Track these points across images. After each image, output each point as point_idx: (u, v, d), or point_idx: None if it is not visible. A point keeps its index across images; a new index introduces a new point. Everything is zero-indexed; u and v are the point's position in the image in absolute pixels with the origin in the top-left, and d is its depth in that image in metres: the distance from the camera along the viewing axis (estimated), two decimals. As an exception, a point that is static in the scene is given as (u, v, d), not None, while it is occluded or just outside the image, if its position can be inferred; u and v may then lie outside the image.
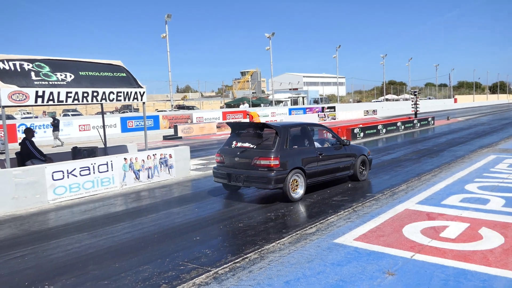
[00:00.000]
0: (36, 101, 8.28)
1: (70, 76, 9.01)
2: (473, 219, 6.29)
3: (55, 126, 21.22)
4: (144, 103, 10.52)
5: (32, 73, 8.48)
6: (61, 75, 8.89)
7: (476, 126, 26.79)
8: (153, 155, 10.37)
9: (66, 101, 8.76)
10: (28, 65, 8.58)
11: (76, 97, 8.86)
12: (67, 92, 8.71)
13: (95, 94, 9.17)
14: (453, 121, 32.13)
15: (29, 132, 9.99)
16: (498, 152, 13.44)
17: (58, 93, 8.55)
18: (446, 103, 69.17)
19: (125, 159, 9.76)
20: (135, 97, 9.98)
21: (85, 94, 9.01)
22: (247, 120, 21.66)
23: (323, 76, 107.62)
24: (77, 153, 10.40)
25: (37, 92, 8.26)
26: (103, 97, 9.34)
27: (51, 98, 8.44)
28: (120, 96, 9.70)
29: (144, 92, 10.22)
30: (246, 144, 8.29)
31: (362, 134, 20.81)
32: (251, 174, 7.92)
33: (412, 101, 30.80)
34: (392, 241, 5.49)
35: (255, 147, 8.15)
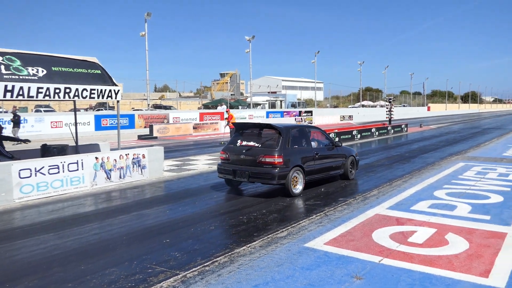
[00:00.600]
0: (4, 96, 8.00)
1: (42, 71, 8.76)
2: (440, 225, 6.43)
3: (15, 122, 20.58)
4: (118, 101, 10.34)
5: (2, 67, 8.20)
6: (32, 69, 8.63)
7: (448, 134, 27.51)
8: (126, 154, 10.19)
9: (37, 97, 8.50)
10: (-3, 58, 8.29)
11: (47, 93, 8.61)
12: (38, 88, 8.45)
13: (67, 90, 8.95)
14: (426, 129, 32.89)
15: (-3, 128, 9.66)
16: (467, 160, 13.83)
17: (29, 88, 8.29)
18: (420, 111, 70.84)
19: (96, 158, 9.56)
20: (109, 95, 9.79)
21: (57, 91, 8.77)
22: (225, 118, 21.71)
23: (301, 80, 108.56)
24: (47, 150, 10.12)
25: (6, 86, 7.97)
26: (76, 94, 9.12)
27: (20, 93, 8.18)
28: (94, 93, 9.49)
29: (119, 91, 10.04)
30: (251, 143, 8.91)
31: (337, 139, 21.01)
32: (256, 170, 8.52)
33: (387, 108, 31.41)
34: (362, 245, 5.55)
35: (260, 145, 8.76)
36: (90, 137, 22.43)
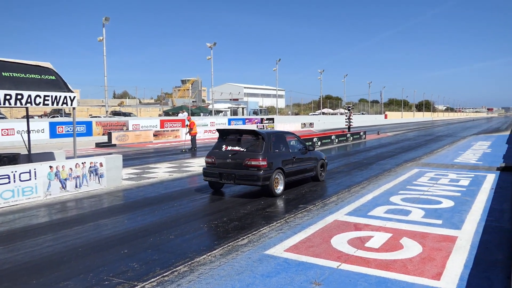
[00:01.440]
0: (-51, 102, 7.57)
1: (-9, 76, 8.35)
2: (395, 230, 6.65)
3: None
4: (74, 108, 10.02)
5: None
6: (-20, 75, 8.21)
7: (403, 141, 28.55)
8: (82, 163, 9.87)
9: (-15, 103, 8.10)
10: None
11: (-3, 100, 8.21)
12: (-13, 94, 8.05)
13: (19, 97, 8.57)
14: (383, 136, 33.99)
15: None
16: (421, 166, 14.41)
17: (-24, 94, 7.89)
18: (378, 119, 73.18)
19: (50, 167, 9.19)
20: (65, 101, 9.47)
21: (8, 97, 8.39)
22: (186, 125, 21.54)
23: (263, 88, 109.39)
24: (-3, 159, 9.61)
25: (-50, 92, 7.55)
26: (28, 100, 8.75)
27: (-33, 99, 7.76)
28: (48, 100, 9.14)
29: (74, 97, 9.74)
30: (236, 148, 9.52)
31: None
32: (242, 173, 9.15)
33: (346, 116, 32.23)
34: (321, 251, 5.65)
35: (245, 150, 9.39)
36: (44, 145, 21.55)
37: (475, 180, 11.44)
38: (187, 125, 21.45)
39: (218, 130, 10.35)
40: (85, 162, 9.93)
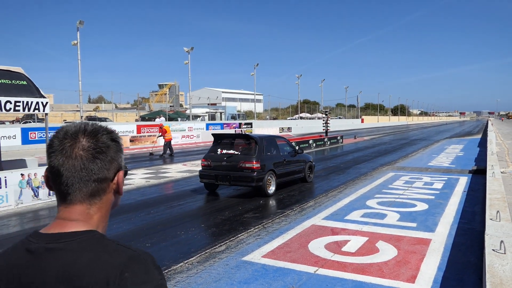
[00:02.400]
0: None
1: (-41, 81, 8.08)
2: (371, 233, 6.73)
3: None
4: (47, 114, 9.78)
5: None
6: None
7: (379, 145, 29.03)
8: (56, 170, 9.61)
9: (-48, 110, 7.83)
10: None
11: (-36, 106, 7.95)
12: (-46, 100, 7.78)
13: (-12, 103, 8.31)
14: (360, 140, 34.47)
15: None
16: (396, 170, 14.67)
17: None
18: (354, 123, 74.19)
19: (22, 174, 8.94)
20: (36, 107, 9.24)
21: (-24, 103, 8.13)
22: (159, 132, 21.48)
23: (241, 92, 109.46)
24: (-35, 167, 9.29)
25: None
26: (-2, 106, 8.50)
27: None
28: (19, 106, 8.90)
29: (47, 103, 9.51)
30: (231, 151, 10.13)
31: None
32: (237, 174, 9.73)
33: (324, 120, 32.56)
34: (298, 256, 5.66)
35: (239, 153, 10.04)
36: (16, 152, 20.93)
37: (448, 183, 11.72)
38: (159, 131, 21.44)
39: (213, 134, 11.09)
40: (58, 169, 9.67)
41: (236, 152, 10.09)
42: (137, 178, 13.08)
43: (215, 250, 6.01)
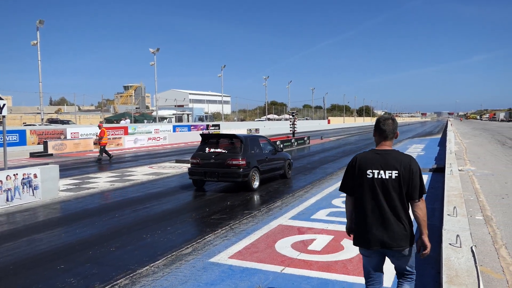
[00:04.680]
0: None
1: None
2: (336, 232, 6.87)
3: None
4: (4, 116, 9.40)
5: None
6: None
7: (345, 145, 29.62)
8: (14, 175, 9.26)
9: None
10: None
11: None
12: None
13: None
14: (326, 141, 35.04)
15: None
16: (361, 169, 14.98)
17: None
18: (321, 124, 75.34)
19: (-22, 179, 8.54)
20: (-7, 109, 8.86)
21: None
22: (96, 134, 20.66)
23: (209, 94, 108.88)
24: None
25: None
26: (-49, 108, 8.10)
27: None
28: (-26, 108, 8.52)
29: (4, 105, 9.16)
30: (219, 150, 10.94)
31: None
32: (224, 171, 10.52)
33: (291, 122, 32.88)
34: (265, 256, 5.70)
35: (226, 151, 10.80)
36: (-29, 156, 19.93)
37: (410, 181, 12.08)
38: (96, 134, 20.36)
39: (201, 135, 11.91)
40: (17, 174, 9.33)
41: (223, 151, 10.84)
42: (101, 181, 12.77)
43: (181, 253, 5.96)
